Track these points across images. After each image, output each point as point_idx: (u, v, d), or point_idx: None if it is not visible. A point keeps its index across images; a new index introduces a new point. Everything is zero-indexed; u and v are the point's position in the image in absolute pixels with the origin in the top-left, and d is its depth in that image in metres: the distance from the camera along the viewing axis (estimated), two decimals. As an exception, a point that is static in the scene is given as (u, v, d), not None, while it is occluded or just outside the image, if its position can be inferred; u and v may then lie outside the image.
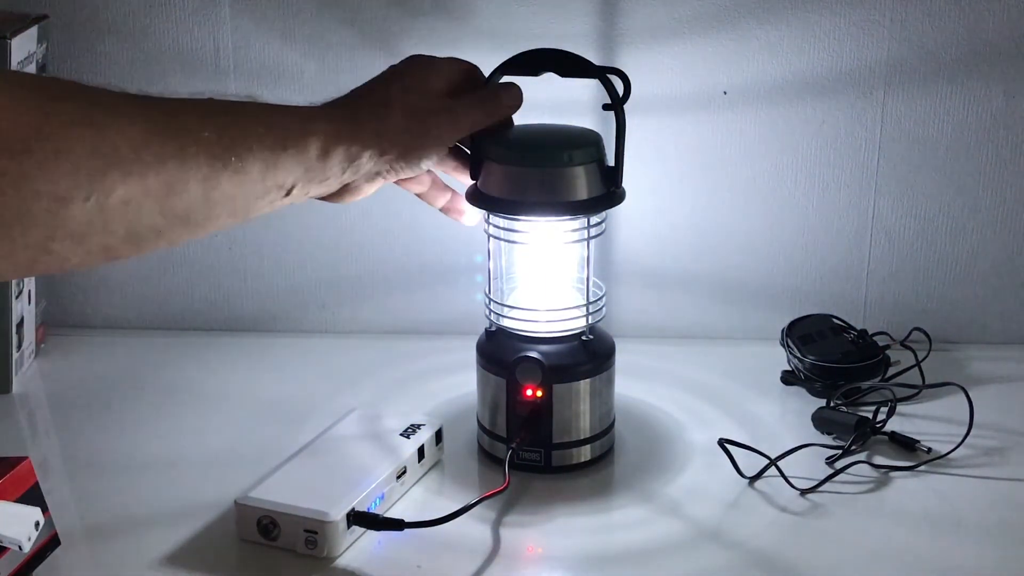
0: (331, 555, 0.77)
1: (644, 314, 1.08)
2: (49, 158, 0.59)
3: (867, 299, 1.10)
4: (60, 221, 0.60)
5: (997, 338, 1.10)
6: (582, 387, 0.87)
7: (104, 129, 0.61)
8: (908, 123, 1.05)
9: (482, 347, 0.90)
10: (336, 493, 0.79)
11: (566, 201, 0.83)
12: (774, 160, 1.07)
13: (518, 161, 0.83)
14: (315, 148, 0.72)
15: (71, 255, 0.62)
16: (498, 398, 0.88)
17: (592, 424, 0.89)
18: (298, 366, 1.08)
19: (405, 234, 1.10)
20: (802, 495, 0.85)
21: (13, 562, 0.73)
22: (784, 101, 1.05)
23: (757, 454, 0.88)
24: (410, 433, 0.88)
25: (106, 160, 0.61)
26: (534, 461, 0.88)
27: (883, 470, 0.88)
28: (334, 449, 0.86)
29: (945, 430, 0.93)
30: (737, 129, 1.06)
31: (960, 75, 1.04)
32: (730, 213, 1.08)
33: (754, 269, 1.10)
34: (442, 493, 0.87)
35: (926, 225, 1.08)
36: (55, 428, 1.00)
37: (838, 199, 1.07)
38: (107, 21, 1.06)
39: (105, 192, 0.61)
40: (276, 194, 0.72)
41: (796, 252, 1.09)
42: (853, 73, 1.04)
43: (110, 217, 0.62)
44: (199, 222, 0.68)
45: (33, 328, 1.07)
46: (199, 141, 0.65)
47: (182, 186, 0.65)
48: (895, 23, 1.02)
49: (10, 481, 0.73)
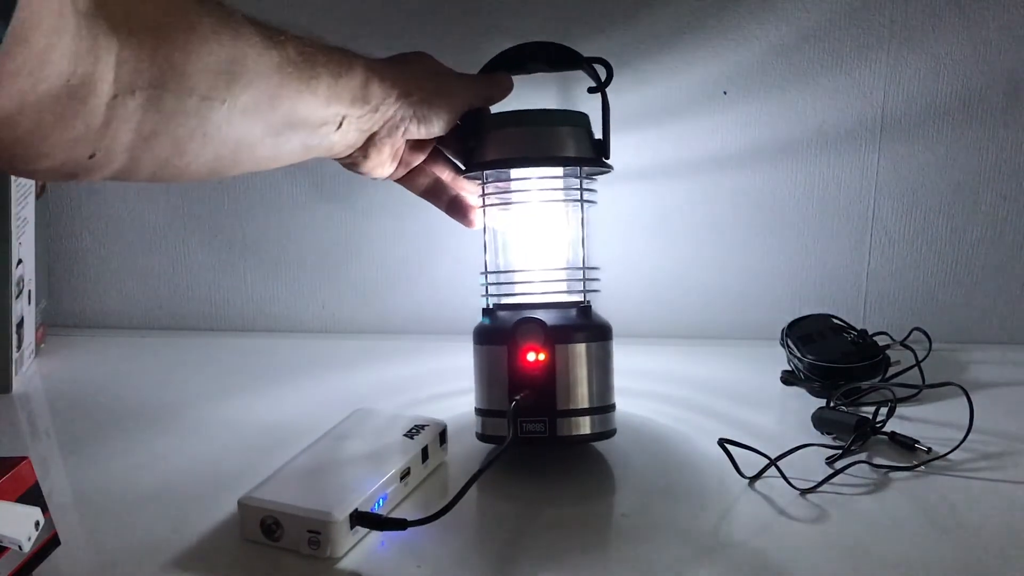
0: (334, 555, 0.77)
1: (644, 314, 1.08)
2: (204, 58, 0.65)
3: (867, 299, 1.10)
4: (202, 118, 0.66)
5: (997, 338, 1.10)
6: (583, 351, 0.86)
7: (237, 38, 0.68)
8: (908, 123, 1.05)
9: (480, 328, 0.90)
10: (339, 493, 0.79)
11: (558, 155, 0.87)
12: (774, 160, 1.07)
13: (513, 123, 0.88)
14: (360, 76, 0.79)
15: (194, 159, 0.68)
16: (498, 370, 0.86)
17: (592, 396, 0.87)
18: (298, 366, 1.08)
19: (405, 234, 1.10)
20: (802, 495, 0.85)
21: (13, 562, 0.73)
22: (784, 101, 1.05)
23: (757, 454, 0.88)
24: (414, 433, 0.88)
25: (240, 67, 0.67)
26: (538, 432, 0.85)
27: (883, 470, 0.88)
28: (337, 449, 0.86)
29: (945, 430, 0.93)
30: (737, 129, 1.06)
31: (960, 76, 1.04)
32: (729, 213, 1.08)
33: (754, 269, 1.10)
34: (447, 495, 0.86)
35: (926, 225, 1.08)
36: (55, 428, 1.00)
37: (838, 199, 1.08)
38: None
39: (234, 98, 0.68)
40: (332, 125, 0.78)
41: (796, 252, 1.09)
42: (853, 73, 1.04)
43: (234, 123, 0.68)
44: (282, 143, 0.74)
45: (33, 328, 1.07)
46: (291, 61, 0.72)
47: (280, 100, 0.72)
48: (895, 23, 1.03)
49: (10, 481, 0.73)
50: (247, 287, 1.13)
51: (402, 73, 0.83)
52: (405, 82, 0.82)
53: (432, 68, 0.87)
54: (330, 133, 0.78)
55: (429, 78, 0.85)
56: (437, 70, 0.87)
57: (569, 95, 1.03)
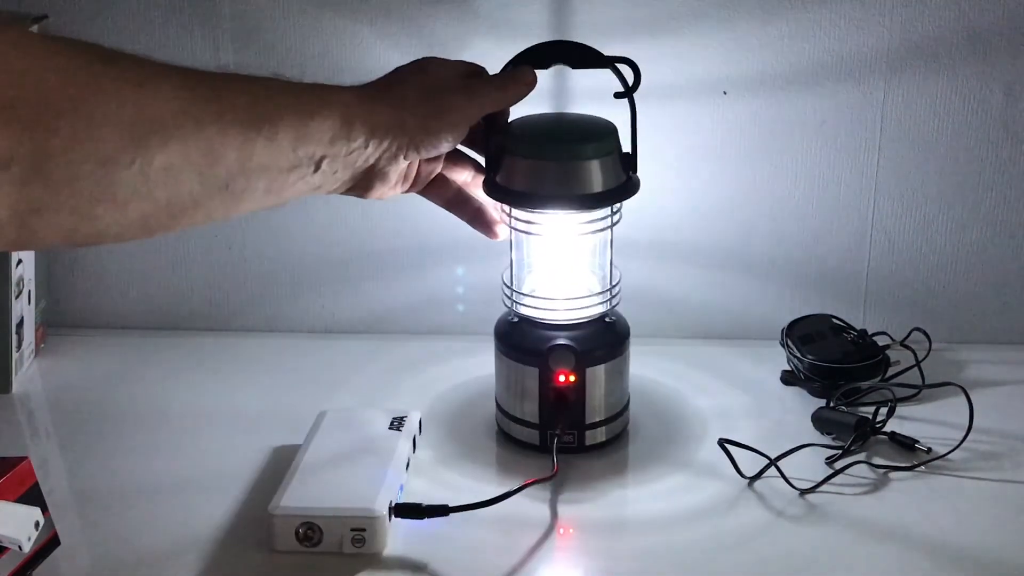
0: (379, 550, 0.78)
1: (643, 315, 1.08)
2: (98, 119, 0.59)
3: (867, 299, 1.10)
4: (105, 185, 0.60)
5: (997, 338, 1.10)
6: (610, 367, 0.90)
7: (149, 93, 0.62)
8: (908, 123, 1.05)
9: (506, 336, 0.91)
10: (369, 489, 0.80)
11: (587, 194, 0.85)
12: (774, 160, 1.07)
13: (539, 155, 0.85)
14: (339, 116, 0.73)
15: (112, 223, 0.62)
16: (528, 386, 0.89)
17: (614, 403, 0.91)
18: (298, 366, 1.08)
19: (405, 234, 1.10)
20: (802, 495, 0.85)
21: (13, 562, 0.73)
22: (784, 101, 1.05)
23: (757, 454, 0.88)
24: (398, 425, 0.89)
25: (150, 124, 0.62)
26: (568, 444, 0.89)
27: (883, 470, 0.88)
28: (335, 450, 0.86)
29: (945, 430, 0.93)
30: (737, 129, 1.06)
31: (960, 75, 1.04)
32: (729, 213, 1.08)
33: (754, 269, 1.10)
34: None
35: (926, 225, 1.08)
36: (55, 428, 1.00)
37: (838, 199, 1.07)
38: (107, 21, 1.06)
39: (148, 157, 0.61)
40: (307, 168, 0.72)
41: (796, 252, 1.09)
42: (853, 73, 1.04)
43: (153, 183, 0.62)
44: (237, 193, 0.68)
45: (33, 328, 1.07)
46: (235, 108, 0.66)
47: (220, 153, 0.65)
48: (895, 22, 1.02)
49: (10, 481, 0.73)
50: (247, 287, 1.13)
51: (392, 100, 0.78)
52: (395, 110, 0.77)
53: (430, 84, 0.81)
54: (307, 175, 0.72)
55: (425, 99, 0.79)
56: (436, 85, 0.81)
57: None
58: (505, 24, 1.03)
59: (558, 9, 1.03)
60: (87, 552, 0.80)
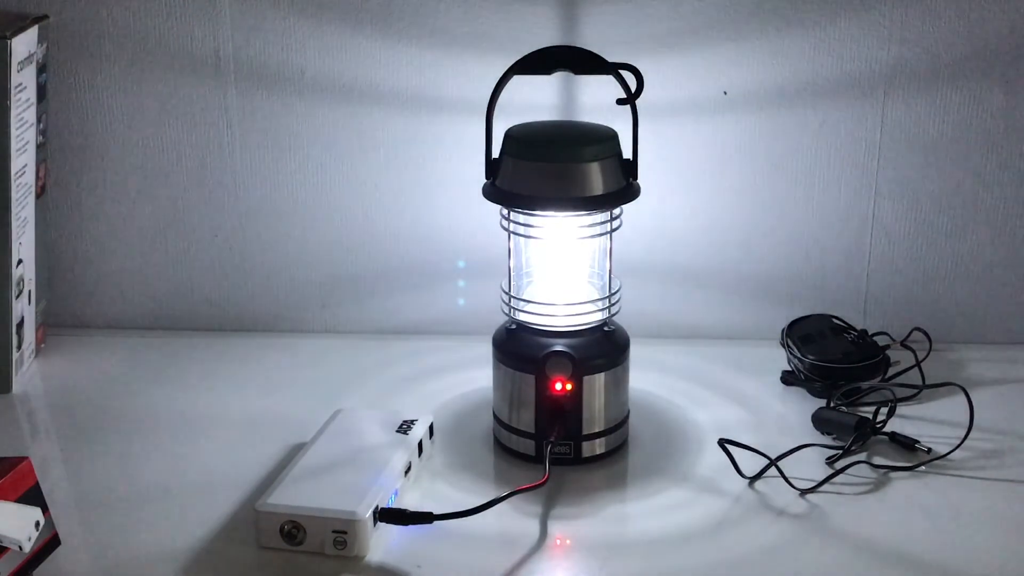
0: (361, 554, 0.77)
1: (643, 315, 1.08)
2: None
3: (867, 300, 1.10)
4: None
5: (997, 338, 1.10)
6: (608, 377, 0.89)
7: None
8: (908, 124, 1.05)
9: (503, 344, 0.90)
10: (358, 492, 0.79)
11: (585, 196, 0.85)
12: (774, 160, 1.07)
13: (539, 157, 0.85)
14: None
15: None
16: (523, 394, 0.88)
17: (611, 416, 0.90)
18: (298, 366, 1.08)
19: (406, 234, 1.10)
20: (802, 495, 0.85)
21: (13, 562, 0.73)
22: (784, 102, 1.05)
23: (757, 454, 0.88)
24: (406, 429, 0.89)
25: None
26: (564, 454, 0.88)
27: (883, 470, 0.88)
28: (336, 450, 0.86)
29: (945, 430, 0.93)
30: (737, 129, 1.06)
31: (960, 76, 1.04)
32: (730, 213, 1.08)
33: (754, 269, 1.10)
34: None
35: (926, 225, 1.08)
36: (55, 428, 1.00)
37: (838, 199, 1.08)
38: (107, 21, 1.07)
39: None
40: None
41: (796, 252, 1.09)
42: (853, 74, 1.04)
43: None
44: None
45: (33, 328, 1.07)
46: None
47: None
48: (895, 24, 1.03)
49: (10, 481, 0.73)
50: (247, 287, 1.13)
51: None
52: None
53: None
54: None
55: None
56: None
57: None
58: (510, 39, 1.03)
59: (563, 23, 1.03)
60: (87, 552, 0.80)
